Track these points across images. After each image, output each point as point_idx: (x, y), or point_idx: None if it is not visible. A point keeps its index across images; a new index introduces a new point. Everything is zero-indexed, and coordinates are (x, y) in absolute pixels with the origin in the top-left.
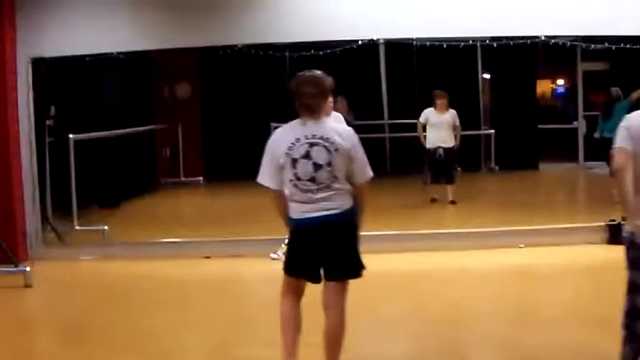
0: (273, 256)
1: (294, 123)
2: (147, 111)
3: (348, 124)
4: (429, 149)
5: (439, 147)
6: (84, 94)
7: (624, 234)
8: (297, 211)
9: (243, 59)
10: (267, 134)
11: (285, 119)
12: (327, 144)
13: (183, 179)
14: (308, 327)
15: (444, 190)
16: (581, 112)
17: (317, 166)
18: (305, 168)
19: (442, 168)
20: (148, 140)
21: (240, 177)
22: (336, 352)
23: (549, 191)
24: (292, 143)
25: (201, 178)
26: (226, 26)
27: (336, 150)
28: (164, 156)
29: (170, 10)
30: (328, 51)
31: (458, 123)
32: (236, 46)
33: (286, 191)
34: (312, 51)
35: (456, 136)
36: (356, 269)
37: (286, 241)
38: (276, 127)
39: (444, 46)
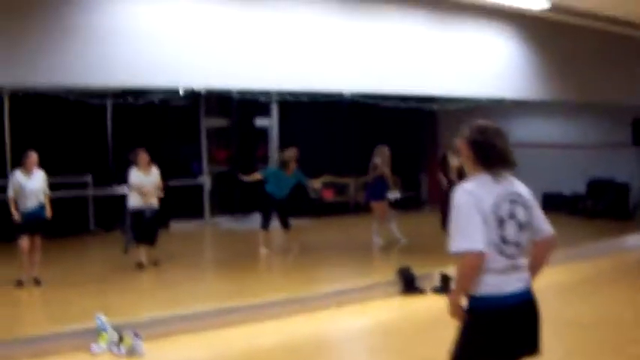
0: (94, 349)
1: (484, 179)
2: None
3: None
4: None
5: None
6: None
7: None
8: (494, 284)
9: None
10: None
11: None
12: (523, 201)
13: None
14: None
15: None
16: (205, 168)
17: (521, 227)
18: (512, 229)
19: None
20: None
21: None
22: None
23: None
24: (496, 201)
25: None
26: None
27: (530, 208)
28: None
29: None
30: None
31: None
32: None
33: None
34: None
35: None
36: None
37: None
38: None
39: None
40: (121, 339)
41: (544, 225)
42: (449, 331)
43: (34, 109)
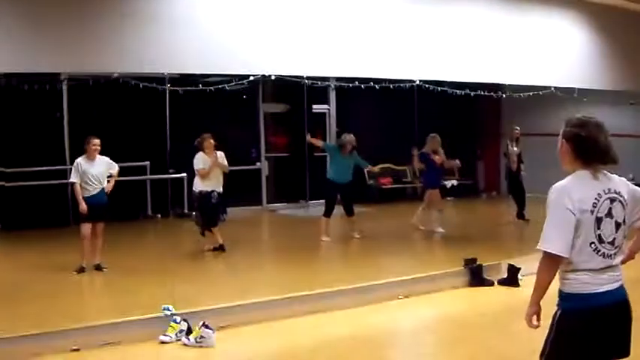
0: (163, 338)
1: (582, 175)
2: None
3: None
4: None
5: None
6: None
7: None
8: (587, 283)
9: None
10: None
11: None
12: (622, 199)
13: None
14: None
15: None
16: (263, 154)
17: (618, 226)
18: (608, 228)
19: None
20: None
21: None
22: None
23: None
24: (594, 198)
25: None
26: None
27: (626, 205)
28: None
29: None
30: None
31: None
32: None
33: (575, 258)
34: None
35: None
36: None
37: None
38: None
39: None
40: (190, 329)
41: None
42: (521, 323)
43: (91, 95)
